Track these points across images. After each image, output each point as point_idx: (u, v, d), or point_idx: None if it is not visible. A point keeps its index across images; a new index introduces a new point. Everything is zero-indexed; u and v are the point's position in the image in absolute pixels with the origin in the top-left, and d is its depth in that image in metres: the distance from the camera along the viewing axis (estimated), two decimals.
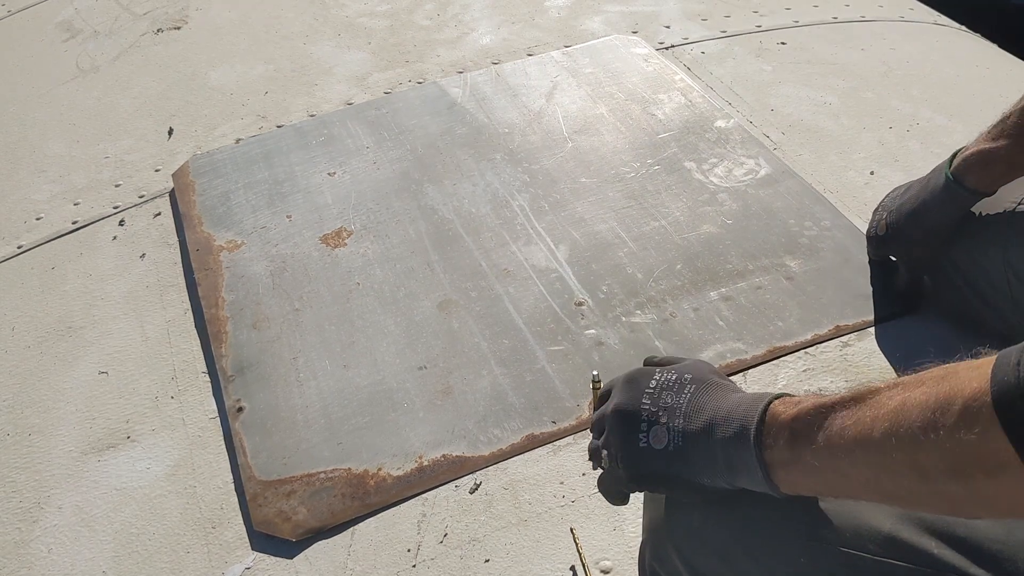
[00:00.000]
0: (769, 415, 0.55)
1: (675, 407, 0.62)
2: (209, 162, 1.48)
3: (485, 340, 1.10)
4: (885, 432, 0.46)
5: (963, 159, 0.92)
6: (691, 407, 0.61)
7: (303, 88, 1.68)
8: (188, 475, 1.01)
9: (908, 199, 1.00)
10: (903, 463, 0.46)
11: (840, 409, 0.50)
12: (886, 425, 0.46)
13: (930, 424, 0.44)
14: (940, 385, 0.46)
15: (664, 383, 0.63)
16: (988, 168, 0.90)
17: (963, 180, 0.92)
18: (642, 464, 0.62)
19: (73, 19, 2.08)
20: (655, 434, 0.61)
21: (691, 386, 0.62)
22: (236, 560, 0.92)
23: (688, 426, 0.60)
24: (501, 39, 1.76)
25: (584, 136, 1.44)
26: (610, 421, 0.65)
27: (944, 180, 0.93)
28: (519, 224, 1.28)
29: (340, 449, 1.00)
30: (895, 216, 1.01)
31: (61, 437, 1.08)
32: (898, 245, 1.03)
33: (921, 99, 1.47)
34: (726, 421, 0.58)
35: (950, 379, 0.46)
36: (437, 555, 0.89)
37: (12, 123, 1.73)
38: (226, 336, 1.15)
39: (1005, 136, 0.89)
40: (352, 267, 1.24)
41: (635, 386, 0.65)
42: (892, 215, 1.02)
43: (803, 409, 0.53)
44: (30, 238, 1.41)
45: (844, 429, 0.49)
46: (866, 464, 0.48)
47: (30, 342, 1.22)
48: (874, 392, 0.49)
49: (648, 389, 0.64)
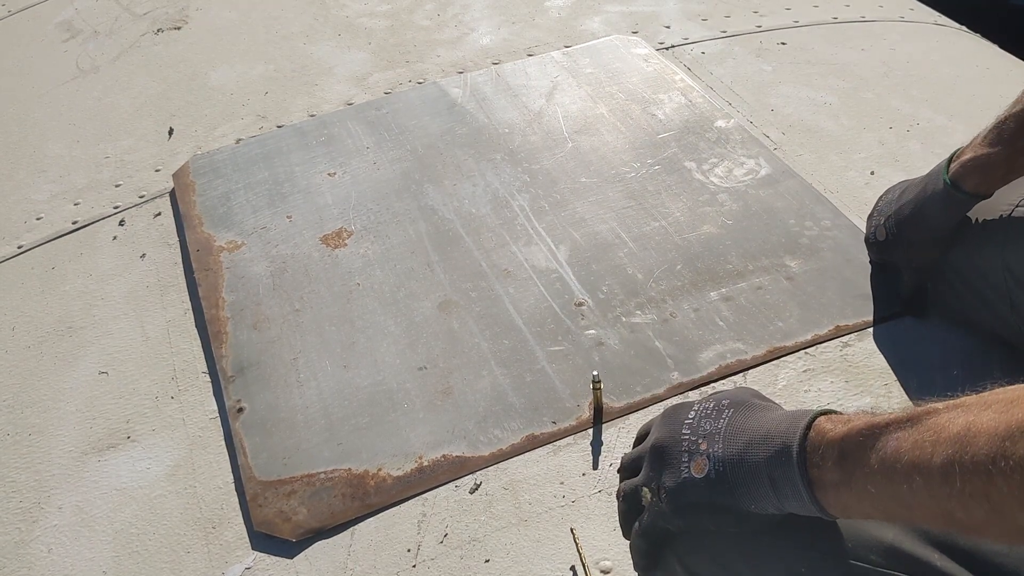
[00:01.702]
0: (814, 432, 0.53)
1: (714, 433, 0.60)
2: (209, 162, 1.48)
3: (485, 340, 1.10)
4: (948, 459, 0.44)
5: (960, 164, 0.91)
6: (730, 430, 0.59)
7: (303, 88, 1.68)
8: (188, 475, 1.01)
9: (906, 203, 1.00)
10: (974, 494, 0.42)
11: (895, 430, 0.47)
12: (949, 452, 0.44)
13: (1000, 454, 0.41)
14: (1012, 411, 0.42)
15: (703, 412, 0.62)
16: (986, 173, 0.90)
17: (961, 185, 0.92)
18: (684, 495, 0.59)
19: (73, 19, 2.08)
20: (696, 463, 0.59)
21: (729, 410, 0.60)
22: (236, 560, 0.92)
23: (728, 450, 0.58)
24: (501, 39, 1.76)
25: (584, 136, 1.44)
26: (649, 457, 0.63)
27: (942, 185, 0.93)
28: (519, 224, 1.28)
29: (340, 449, 1.00)
30: (894, 220, 1.01)
31: (61, 437, 1.08)
32: (900, 250, 1.03)
33: (921, 99, 1.47)
34: (766, 440, 0.55)
35: (1022, 404, 0.42)
36: (437, 555, 0.89)
37: (12, 123, 1.73)
38: (226, 337, 1.15)
39: (1002, 141, 0.88)
40: (352, 267, 1.24)
41: (674, 419, 0.63)
42: (891, 220, 1.02)
43: (854, 428, 0.50)
44: (30, 238, 1.41)
45: (900, 453, 0.46)
46: (928, 493, 0.45)
47: (30, 342, 1.22)
48: (932, 413, 0.46)
49: (687, 420, 0.62)
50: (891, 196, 1.05)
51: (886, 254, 1.06)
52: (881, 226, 1.04)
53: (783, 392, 1.00)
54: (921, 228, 0.97)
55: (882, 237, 1.03)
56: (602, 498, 0.92)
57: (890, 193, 1.06)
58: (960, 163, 0.92)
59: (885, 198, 1.06)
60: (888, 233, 1.02)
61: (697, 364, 1.04)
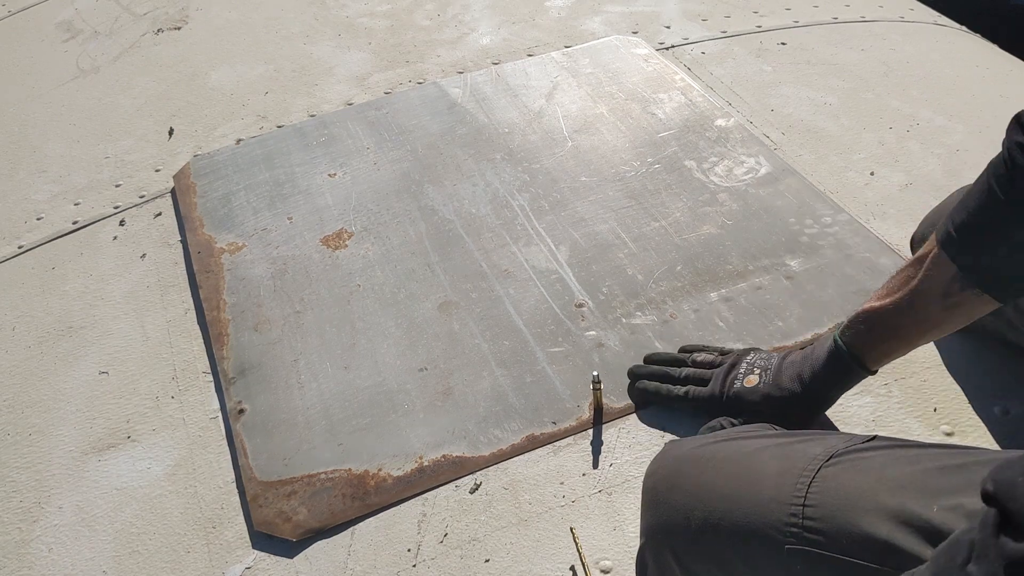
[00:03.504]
0: None
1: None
2: (210, 163, 1.48)
3: (485, 341, 1.11)
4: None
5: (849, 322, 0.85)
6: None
7: (303, 88, 1.68)
8: (189, 475, 1.01)
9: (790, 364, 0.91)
10: None
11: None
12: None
13: None
14: None
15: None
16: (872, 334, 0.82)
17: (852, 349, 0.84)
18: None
19: (73, 19, 2.08)
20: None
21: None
22: (236, 560, 0.92)
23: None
24: (501, 39, 1.76)
25: (584, 136, 1.44)
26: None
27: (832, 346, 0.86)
28: (519, 224, 1.28)
29: (341, 450, 1.00)
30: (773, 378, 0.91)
31: (62, 437, 1.08)
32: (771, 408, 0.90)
33: (921, 99, 1.47)
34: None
35: None
36: (437, 555, 0.90)
37: (12, 123, 1.73)
38: (227, 338, 1.15)
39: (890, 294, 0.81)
40: (353, 269, 1.24)
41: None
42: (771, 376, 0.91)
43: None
44: (31, 238, 1.41)
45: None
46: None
47: (30, 342, 1.22)
48: None
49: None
50: None
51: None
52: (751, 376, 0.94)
53: None
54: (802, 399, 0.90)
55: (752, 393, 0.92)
56: (602, 498, 0.92)
57: None
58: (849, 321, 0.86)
59: None
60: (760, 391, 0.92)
61: None
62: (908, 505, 0.53)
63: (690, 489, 0.66)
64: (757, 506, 0.58)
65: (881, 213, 1.24)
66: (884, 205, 1.25)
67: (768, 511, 0.57)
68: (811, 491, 0.57)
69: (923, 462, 0.56)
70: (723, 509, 0.61)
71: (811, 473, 0.58)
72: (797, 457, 0.60)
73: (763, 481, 0.60)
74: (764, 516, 0.58)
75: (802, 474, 0.58)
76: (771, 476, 0.60)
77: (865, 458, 0.59)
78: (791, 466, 0.59)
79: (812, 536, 0.55)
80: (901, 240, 1.18)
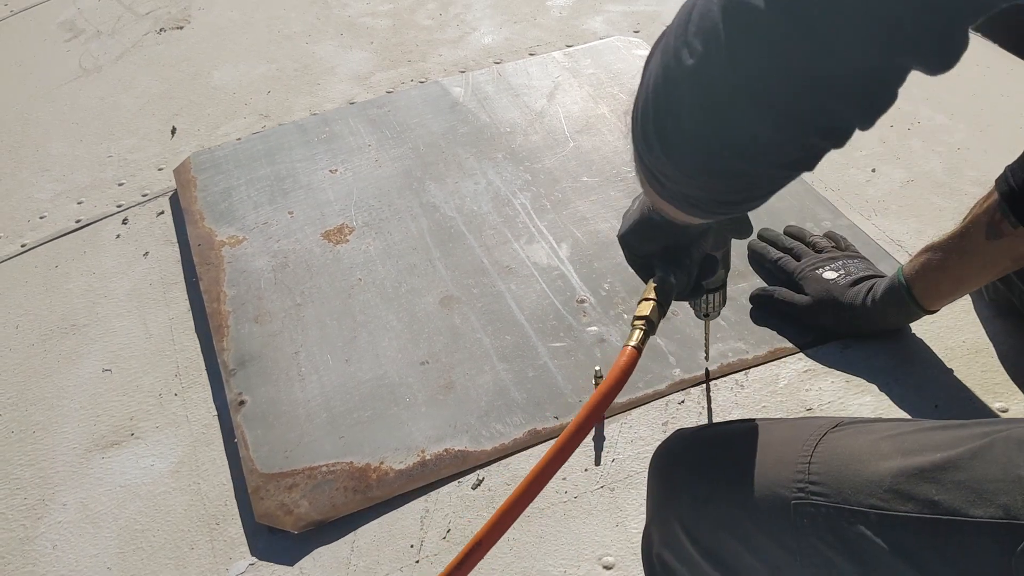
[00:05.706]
0: None
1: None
2: (211, 158, 1.48)
3: (487, 336, 1.11)
4: None
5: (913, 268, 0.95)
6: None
7: (305, 87, 1.68)
8: (192, 472, 1.02)
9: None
10: None
11: None
12: None
13: None
14: None
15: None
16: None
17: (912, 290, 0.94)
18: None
19: (75, 19, 2.09)
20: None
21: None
22: (240, 556, 0.92)
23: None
24: (503, 39, 1.76)
25: (585, 136, 1.45)
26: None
27: None
28: (521, 222, 1.28)
29: (342, 443, 1.00)
30: None
31: (65, 434, 1.08)
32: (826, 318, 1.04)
33: (921, 98, 1.48)
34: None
35: None
36: (440, 550, 0.90)
37: (15, 122, 1.73)
38: (227, 330, 1.16)
39: None
40: (354, 263, 1.24)
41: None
42: None
43: None
44: (34, 237, 1.42)
45: None
46: None
47: (34, 340, 1.23)
48: None
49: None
50: None
51: None
52: None
53: (784, 391, 1.00)
54: None
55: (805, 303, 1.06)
56: (604, 494, 0.93)
57: None
58: None
59: None
60: None
61: (699, 361, 1.04)
62: (912, 455, 0.55)
63: (697, 461, 0.67)
64: (764, 468, 0.60)
65: (883, 209, 1.24)
66: (885, 201, 1.26)
67: (775, 472, 0.59)
68: (816, 451, 0.59)
69: (926, 425, 0.59)
70: (730, 475, 0.63)
71: (816, 438, 0.60)
72: (802, 427, 0.62)
73: (769, 449, 0.62)
74: (770, 477, 0.59)
75: (807, 439, 0.60)
76: (776, 445, 0.62)
77: (869, 426, 0.61)
78: (797, 434, 0.62)
79: (817, 488, 0.57)
80: (902, 236, 1.19)
